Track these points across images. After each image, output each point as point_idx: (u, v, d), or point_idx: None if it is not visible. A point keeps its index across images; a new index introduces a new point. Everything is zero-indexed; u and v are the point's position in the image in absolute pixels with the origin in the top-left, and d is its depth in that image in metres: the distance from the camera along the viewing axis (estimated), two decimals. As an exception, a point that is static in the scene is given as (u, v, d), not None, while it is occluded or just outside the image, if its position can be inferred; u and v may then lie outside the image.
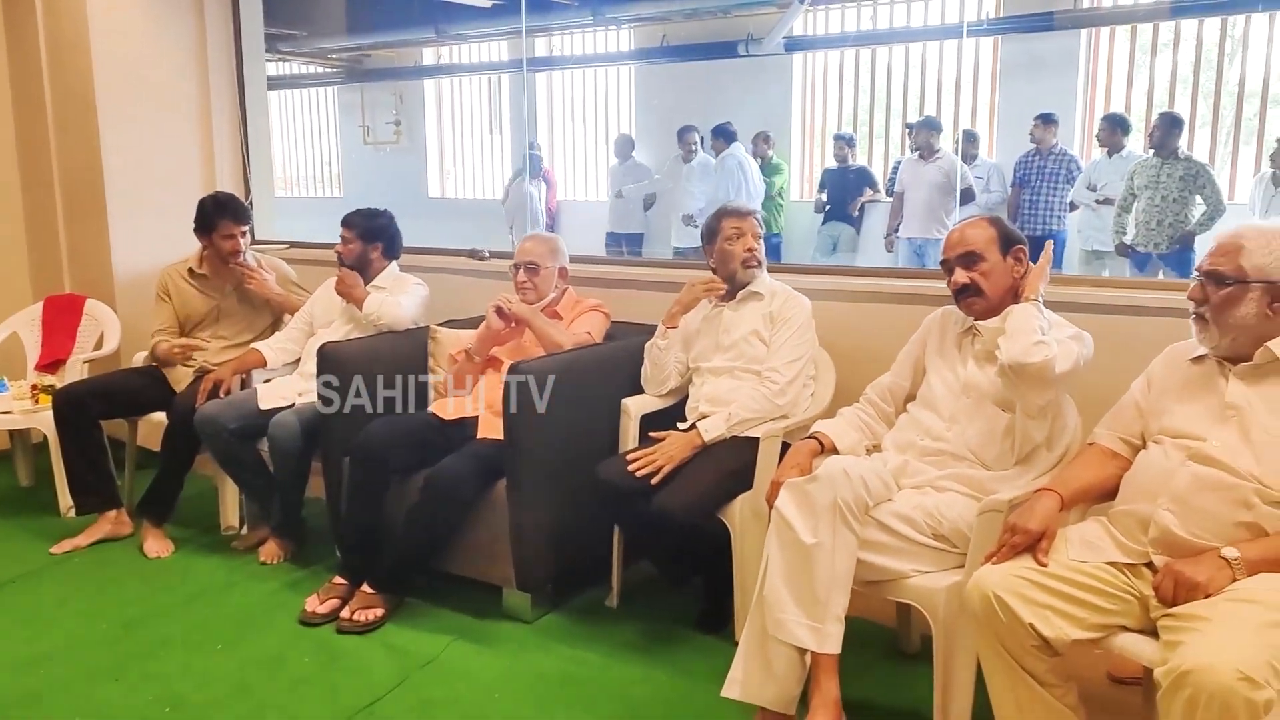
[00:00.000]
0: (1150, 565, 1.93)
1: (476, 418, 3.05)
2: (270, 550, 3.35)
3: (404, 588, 2.98)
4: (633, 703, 2.49)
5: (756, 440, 2.70)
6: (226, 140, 4.66)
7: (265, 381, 3.53)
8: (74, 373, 3.96)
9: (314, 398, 3.21)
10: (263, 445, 3.31)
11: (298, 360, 3.63)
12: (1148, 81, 7.71)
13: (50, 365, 4.05)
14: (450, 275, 3.99)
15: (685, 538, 2.67)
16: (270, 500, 3.38)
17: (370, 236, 3.58)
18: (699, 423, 2.80)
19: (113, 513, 3.56)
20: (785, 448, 2.59)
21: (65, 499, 3.69)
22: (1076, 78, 7.76)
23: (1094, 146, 7.05)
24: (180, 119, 4.49)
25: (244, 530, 3.58)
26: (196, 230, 3.69)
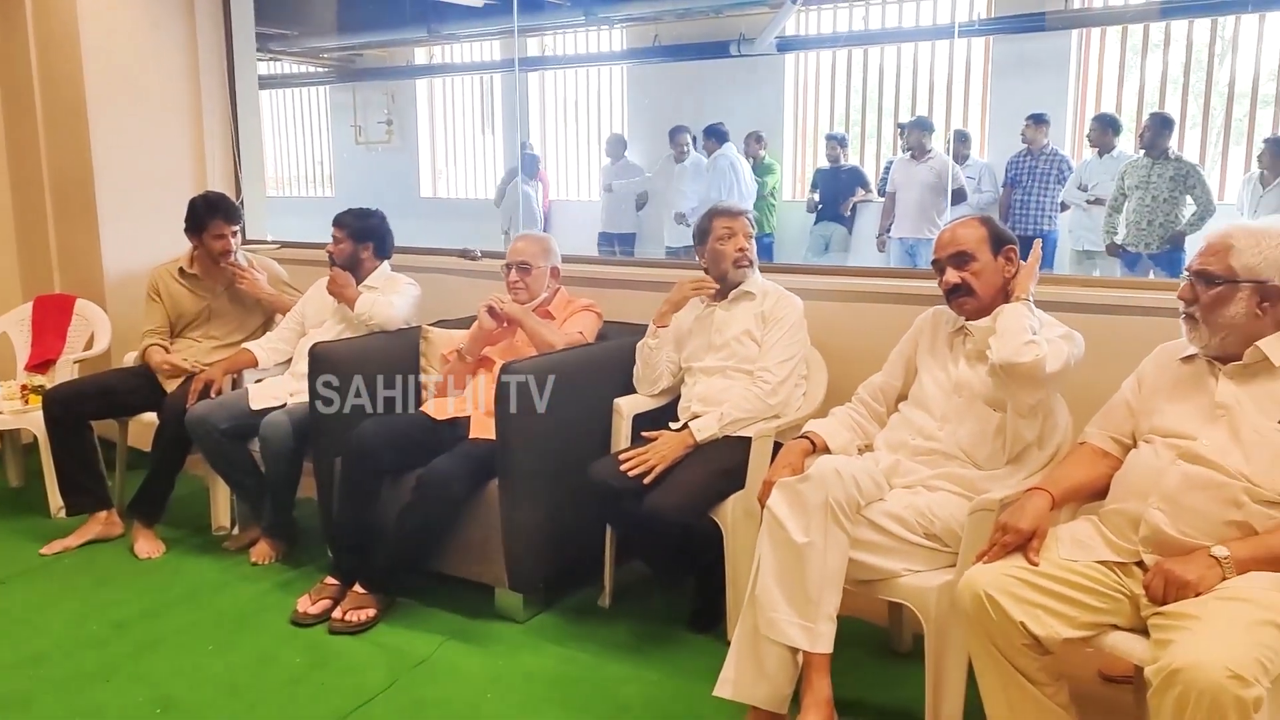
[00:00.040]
0: (1141, 564, 1.94)
1: (468, 418, 3.05)
2: (262, 551, 3.34)
3: (396, 588, 2.97)
4: (625, 702, 2.49)
5: (749, 440, 2.70)
6: (218, 139, 4.64)
7: (256, 381, 3.52)
8: (64, 373, 3.94)
9: (305, 398, 3.20)
10: (254, 445, 3.31)
11: (289, 360, 3.62)
12: (1138, 82, 7.74)
13: (40, 365, 4.03)
14: (442, 275, 3.98)
15: (677, 537, 2.67)
16: (261, 501, 3.38)
17: (361, 236, 3.58)
18: (691, 422, 2.81)
19: (103, 513, 3.55)
20: (777, 447, 2.60)
21: (55, 500, 3.68)
22: (1068, 78, 7.78)
23: (1085, 147, 7.07)
24: (171, 118, 4.47)
25: (235, 531, 3.57)
26: (187, 230, 3.69)
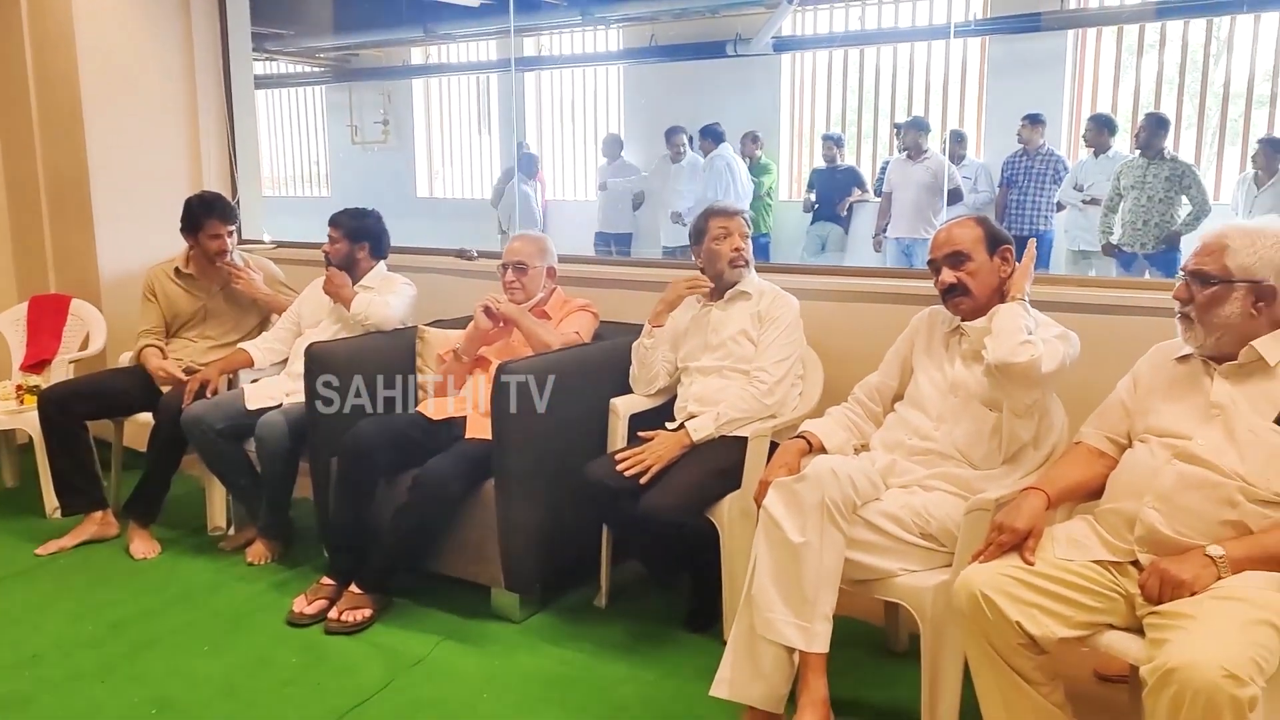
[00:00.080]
0: (1136, 563, 1.94)
1: (464, 418, 3.05)
2: (257, 551, 3.34)
3: (392, 588, 2.97)
4: (621, 702, 2.49)
5: (745, 440, 2.70)
6: (213, 139, 4.64)
7: (252, 382, 3.51)
8: (59, 373, 3.94)
9: (301, 398, 3.20)
10: (250, 446, 3.30)
11: (285, 360, 3.61)
12: (1134, 82, 7.76)
13: (35, 366, 4.02)
14: (438, 275, 3.98)
15: (673, 537, 2.67)
16: (257, 501, 3.37)
17: (357, 236, 3.57)
18: (687, 422, 2.81)
19: (99, 514, 3.54)
20: (773, 447, 2.60)
21: (51, 500, 3.67)
22: (1063, 78, 7.79)
23: (1081, 147, 7.08)
24: (166, 118, 4.46)
25: (231, 531, 3.57)
26: (183, 230, 3.68)
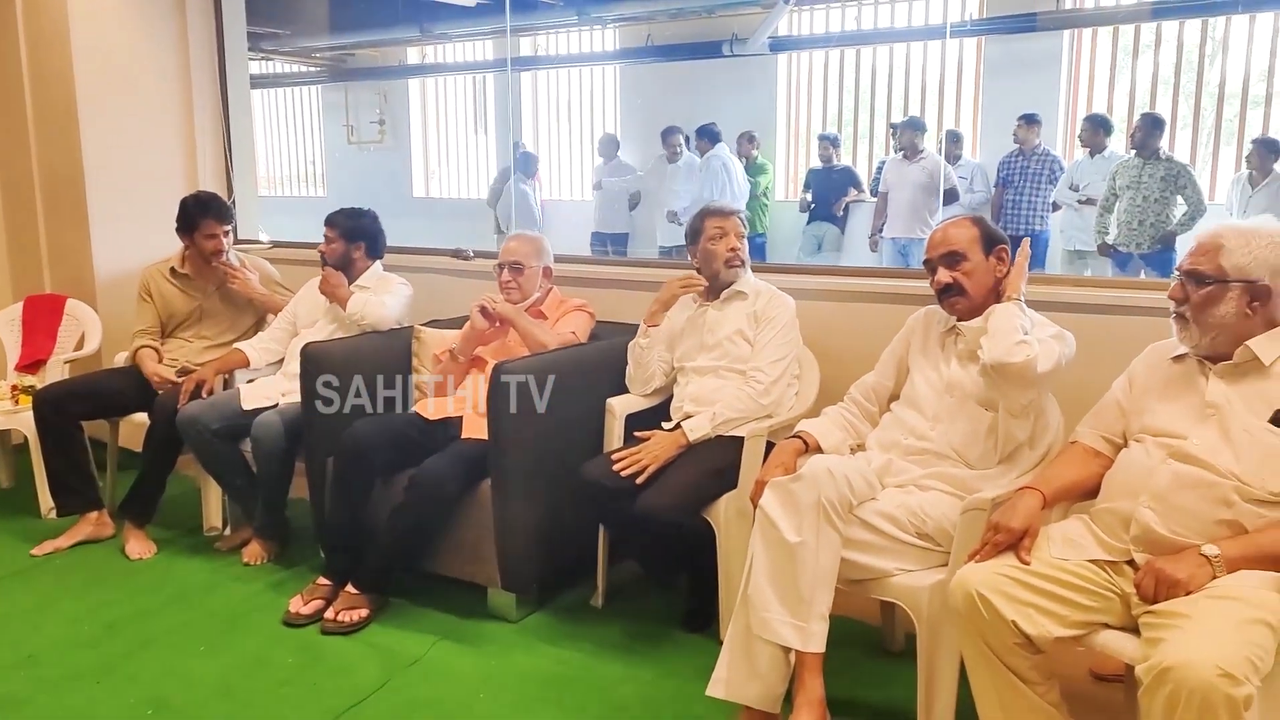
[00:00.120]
0: (1132, 563, 1.95)
1: (460, 418, 3.05)
2: (253, 551, 3.33)
3: (388, 588, 2.97)
4: (618, 702, 2.49)
5: (741, 440, 2.70)
6: (209, 139, 4.63)
7: (248, 382, 3.51)
8: (55, 373, 3.93)
9: (297, 398, 3.19)
10: (246, 446, 3.30)
11: (281, 360, 3.61)
12: (1129, 82, 7.77)
13: (31, 366, 4.02)
14: (434, 275, 3.98)
15: (670, 537, 2.67)
16: (253, 501, 3.37)
17: (353, 236, 3.57)
18: (684, 422, 2.80)
19: (94, 514, 3.53)
20: (770, 447, 2.60)
21: (46, 500, 3.66)
22: (1059, 78, 7.81)
23: (1076, 147, 7.09)
24: (162, 117, 4.46)
25: (227, 531, 3.56)
26: (179, 230, 3.68)
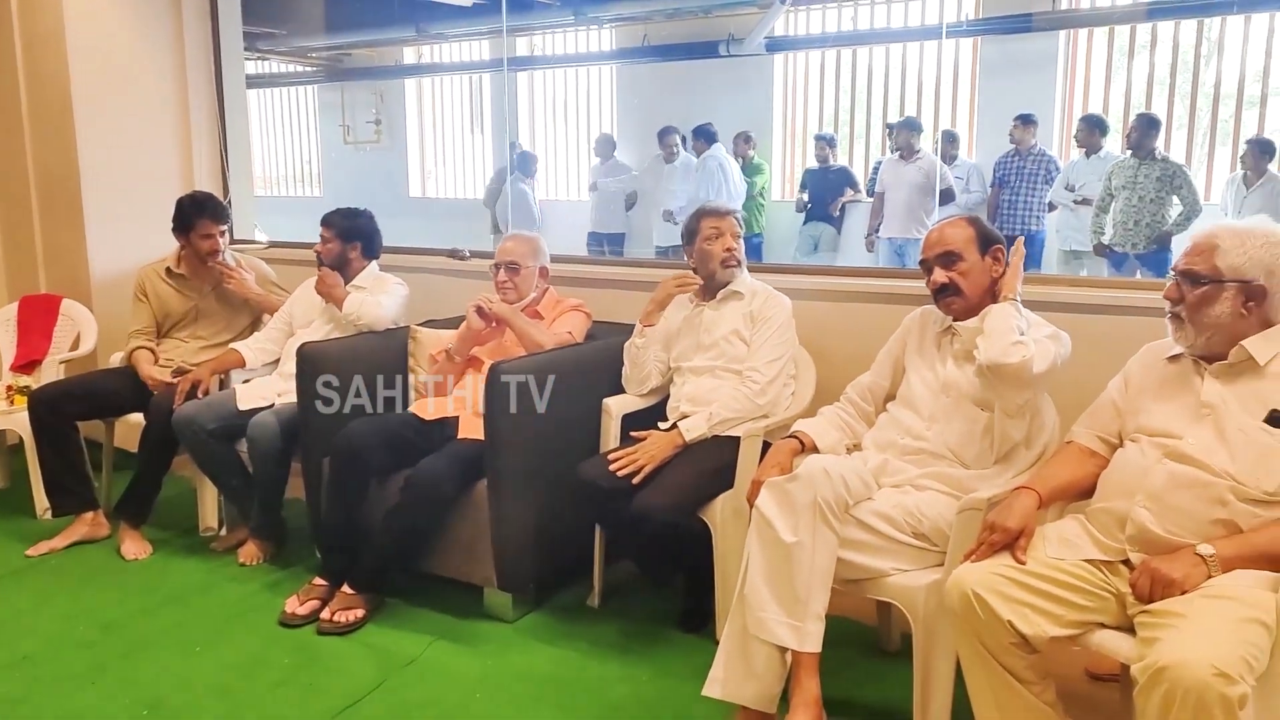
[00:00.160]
0: (1127, 562, 1.95)
1: (457, 418, 3.04)
2: (249, 551, 3.33)
3: (384, 588, 2.97)
4: (614, 702, 2.49)
5: (737, 440, 2.71)
6: (205, 139, 4.62)
7: (244, 382, 3.51)
8: (50, 373, 3.92)
9: (293, 398, 3.19)
10: (241, 446, 3.29)
11: (277, 360, 3.61)
12: (1125, 83, 7.78)
13: (26, 366, 4.01)
14: (430, 275, 3.98)
15: (666, 537, 2.66)
16: (249, 501, 3.36)
17: (349, 236, 3.56)
18: (680, 422, 2.81)
19: (90, 514, 3.53)
20: (766, 447, 2.60)
21: (42, 501, 3.65)
22: (1055, 79, 7.81)
23: (1072, 147, 7.10)
24: (158, 117, 4.45)
25: (223, 531, 3.55)
26: (174, 230, 3.67)
